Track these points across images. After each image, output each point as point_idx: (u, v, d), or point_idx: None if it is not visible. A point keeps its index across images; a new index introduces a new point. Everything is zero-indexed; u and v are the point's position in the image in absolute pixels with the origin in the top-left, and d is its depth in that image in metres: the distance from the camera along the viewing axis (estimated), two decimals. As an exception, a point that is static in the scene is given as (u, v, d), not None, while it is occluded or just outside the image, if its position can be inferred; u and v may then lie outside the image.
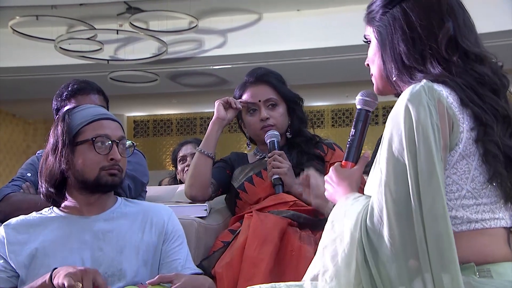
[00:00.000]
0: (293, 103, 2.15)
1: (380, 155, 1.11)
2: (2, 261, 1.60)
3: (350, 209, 1.14)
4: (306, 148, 2.10)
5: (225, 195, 2.19)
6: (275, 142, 2.06)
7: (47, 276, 1.48)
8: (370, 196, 1.13)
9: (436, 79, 1.16)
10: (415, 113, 1.07)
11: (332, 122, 10.83)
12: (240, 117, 2.19)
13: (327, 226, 1.16)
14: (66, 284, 1.40)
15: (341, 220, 1.13)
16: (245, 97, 2.14)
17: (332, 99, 10.53)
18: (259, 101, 2.11)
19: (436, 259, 1.02)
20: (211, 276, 1.73)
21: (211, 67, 8.25)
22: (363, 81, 1.33)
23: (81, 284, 1.41)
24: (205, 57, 7.88)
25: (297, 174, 2.02)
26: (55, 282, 1.45)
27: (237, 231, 1.89)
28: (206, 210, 2.04)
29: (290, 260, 1.75)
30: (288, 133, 2.16)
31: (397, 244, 1.04)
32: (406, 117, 1.08)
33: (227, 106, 2.09)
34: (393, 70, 1.24)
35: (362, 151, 1.35)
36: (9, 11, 6.87)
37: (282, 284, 1.24)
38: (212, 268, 1.78)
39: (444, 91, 1.14)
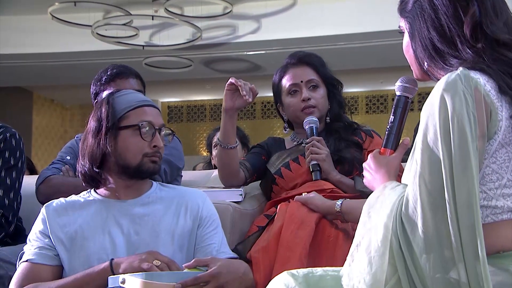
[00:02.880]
0: (333, 87, 2.14)
1: (416, 145, 1.10)
2: (47, 240, 1.63)
3: (386, 199, 1.13)
4: (344, 135, 2.08)
5: (260, 181, 2.19)
6: (314, 128, 2.04)
7: (106, 267, 1.52)
8: (407, 185, 1.12)
9: (473, 66, 1.14)
10: (451, 102, 1.06)
11: (366, 108, 10.70)
12: (279, 100, 2.16)
13: (363, 215, 1.15)
14: (145, 267, 1.46)
15: (378, 211, 1.13)
16: (286, 78, 2.12)
17: (366, 85, 10.41)
18: (301, 81, 2.09)
19: (469, 249, 1.01)
20: (246, 260, 1.73)
21: (245, 52, 8.23)
22: (398, 67, 1.32)
23: (159, 262, 1.50)
24: (239, 43, 7.86)
25: (335, 161, 2.01)
26: (122, 270, 1.50)
27: (273, 216, 1.89)
28: (241, 195, 2.05)
29: (327, 245, 1.74)
30: (327, 118, 2.14)
31: (431, 235, 1.04)
32: (441, 107, 1.07)
33: (234, 92, 1.98)
34: (425, 58, 1.23)
35: (401, 138, 1.34)
36: (48, -2, 6.98)
37: (318, 269, 1.24)
38: (247, 252, 1.78)
39: (481, 79, 1.12)
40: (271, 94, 2.22)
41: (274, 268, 1.65)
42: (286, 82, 2.12)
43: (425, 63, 1.24)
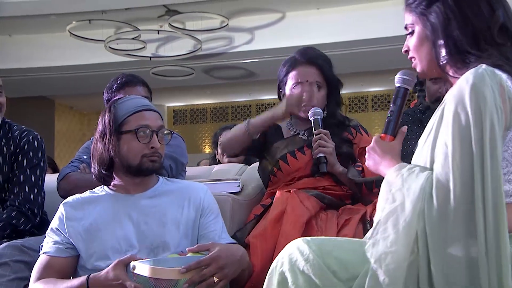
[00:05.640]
0: (334, 88, 2.04)
1: (443, 130, 1.06)
2: (62, 235, 1.62)
3: (408, 180, 1.08)
4: (337, 131, 1.99)
5: (257, 169, 2.12)
6: (319, 119, 1.94)
7: (84, 281, 1.49)
8: (425, 167, 1.08)
9: (492, 64, 1.11)
10: (482, 93, 1.02)
11: (349, 108, 10.70)
12: (283, 87, 2.05)
13: (385, 193, 1.10)
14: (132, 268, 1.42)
15: (400, 190, 1.07)
16: (292, 74, 2.00)
17: (348, 88, 10.38)
18: (306, 81, 1.98)
19: (491, 227, 0.98)
20: (244, 245, 1.71)
21: (241, 61, 8.23)
22: (376, 71, 1.29)
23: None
24: (235, 52, 7.86)
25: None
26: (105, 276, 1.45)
27: (268, 205, 1.85)
28: (238, 186, 2.03)
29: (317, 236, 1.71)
30: (324, 112, 2.02)
31: (460, 216, 1.00)
32: (472, 96, 1.03)
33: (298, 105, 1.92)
34: (445, 55, 1.18)
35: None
36: (66, 18, 6.97)
37: (332, 238, 1.18)
38: (245, 238, 1.76)
39: (503, 75, 1.09)
40: (266, 97, 2.20)
41: (274, 255, 1.62)
42: (292, 78, 2.01)
43: (443, 60, 1.19)
